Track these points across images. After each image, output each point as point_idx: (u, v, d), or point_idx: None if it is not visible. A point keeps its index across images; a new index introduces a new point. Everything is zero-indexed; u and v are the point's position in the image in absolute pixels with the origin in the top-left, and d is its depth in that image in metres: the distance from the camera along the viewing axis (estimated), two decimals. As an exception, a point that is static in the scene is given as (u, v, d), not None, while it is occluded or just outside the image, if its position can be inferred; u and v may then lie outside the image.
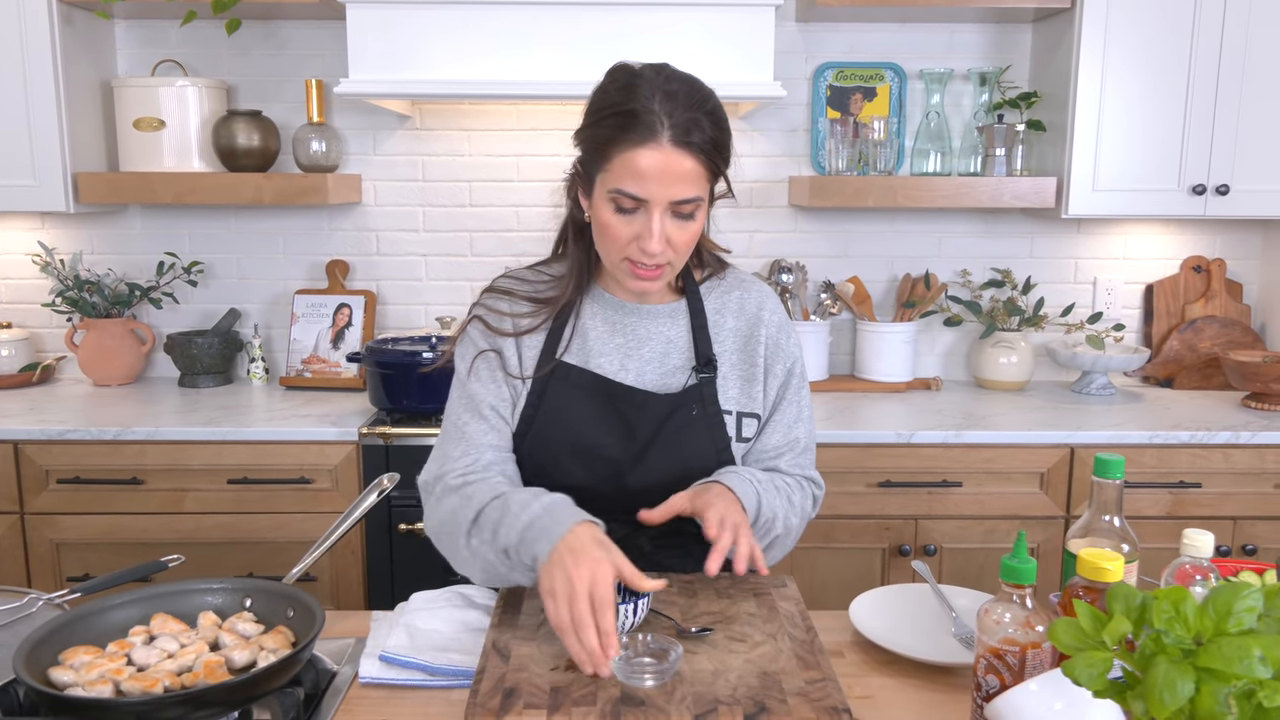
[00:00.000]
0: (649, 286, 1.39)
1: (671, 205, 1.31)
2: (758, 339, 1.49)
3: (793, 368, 1.51)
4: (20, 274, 2.96)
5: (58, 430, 2.41)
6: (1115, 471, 1.23)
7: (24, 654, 1.08)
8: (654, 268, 1.36)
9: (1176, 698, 0.71)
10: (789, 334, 1.52)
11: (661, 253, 1.33)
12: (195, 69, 2.87)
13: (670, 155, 1.28)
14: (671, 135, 1.28)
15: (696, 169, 1.30)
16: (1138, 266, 3.03)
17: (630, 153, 1.28)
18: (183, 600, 1.25)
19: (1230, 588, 0.75)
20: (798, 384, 1.52)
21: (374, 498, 1.44)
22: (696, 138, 1.29)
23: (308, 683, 1.19)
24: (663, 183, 1.29)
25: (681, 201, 1.31)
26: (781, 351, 1.50)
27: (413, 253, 2.99)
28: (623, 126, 1.29)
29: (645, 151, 1.28)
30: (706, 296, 1.50)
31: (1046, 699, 0.90)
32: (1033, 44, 2.89)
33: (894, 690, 1.22)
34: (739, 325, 1.50)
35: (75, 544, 2.46)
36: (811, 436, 1.55)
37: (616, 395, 1.41)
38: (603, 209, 1.34)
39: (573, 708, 1.04)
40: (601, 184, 1.33)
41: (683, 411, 1.41)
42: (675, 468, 1.40)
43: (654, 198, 1.30)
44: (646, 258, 1.33)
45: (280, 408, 2.65)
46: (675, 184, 1.29)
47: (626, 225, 1.33)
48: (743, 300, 1.51)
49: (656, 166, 1.28)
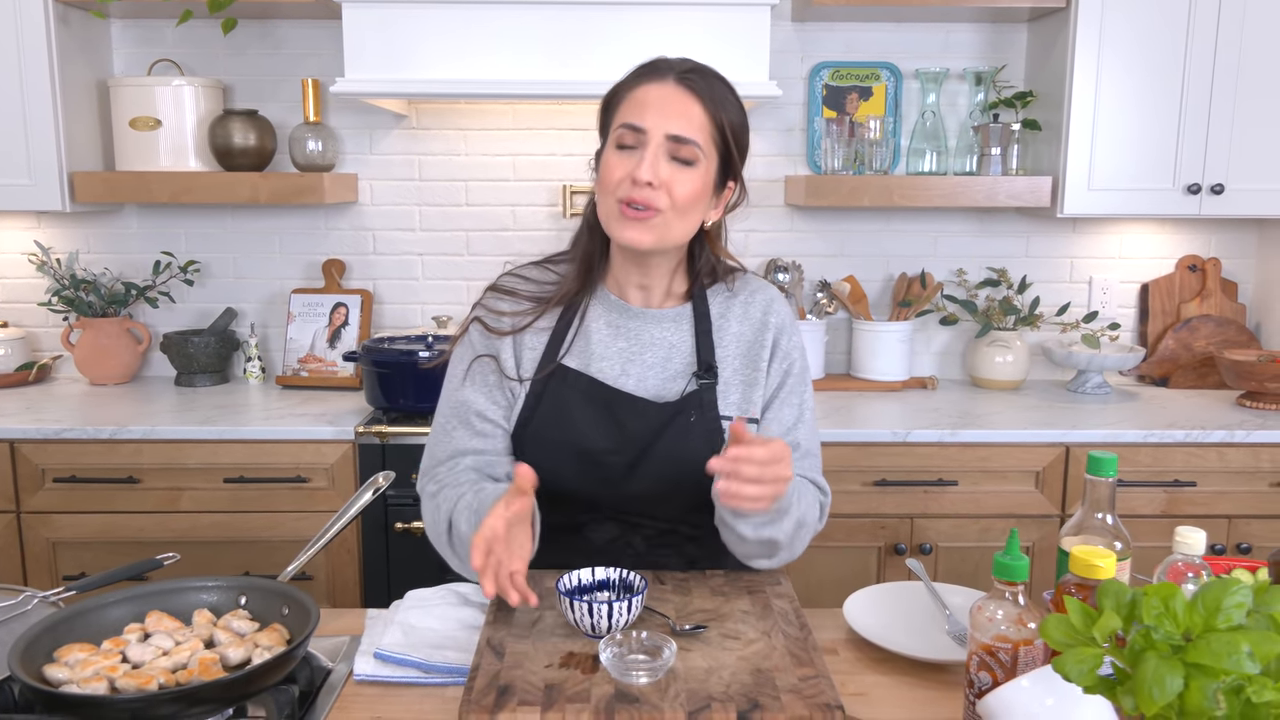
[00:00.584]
0: (639, 234, 1.34)
1: (669, 141, 1.32)
2: (762, 343, 1.47)
3: (790, 368, 1.49)
4: (16, 273, 2.96)
5: (54, 429, 2.41)
6: (1108, 469, 1.23)
7: (19, 651, 1.08)
8: (645, 208, 1.33)
9: (1165, 693, 0.72)
10: (790, 335, 1.50)
11: (656, 191, 1.32)
12: (191, 68, 2.87)
13: (673, 90, 1.34)
14: (677, 76, 1.35)
15: (699, 114, 1.33)
16: (1133, 266, 3.03)
17: (637, 89, 1.36)
18: (178, 598, 1.25)
19: (1219, 584, 0.76)
20: (795, 384, 1.49)
21: (369, 496, 1.45)
22: (702, 85, 1.34)
23: (303, 680, 1.19)
24: (663, 113, 1.32)
25: (679, 139, 1.32)
26: (779, 350, 1.48)
27: (409, 252, 2.99)
28: (636, 74, 1.38)
29: (650, 85, 1.35)
30: (712, 301, 1.49)
31: (1038, 695, 0.91)
32: (1028, 43, 2.90)
33: (888, 687, 1.22)
34: (743, 330, 1.48)
35: (71, 543, 2.46)
36: (815, 442, 1.51)
37: (613, 401, 1.40)
38: (607, 155, 1.38)
39: (566, 705, 1.05)
40: (610, 132, 1.38)
41: (681, 418, 1.40)
42: (670, 474, 1.39)
43: (652, 127, 1.32)
44: (637, 191, 1.32)
45: (276, 407, 2.65)
46: (674, 118, 1.32)
47: (624, 162, 1.34)
48: (748, 305, 1.50)
49: (658, 97, 1.33)
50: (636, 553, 1.40)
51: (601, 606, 1.17)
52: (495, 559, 1.15)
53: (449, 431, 1.44)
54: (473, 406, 1.44)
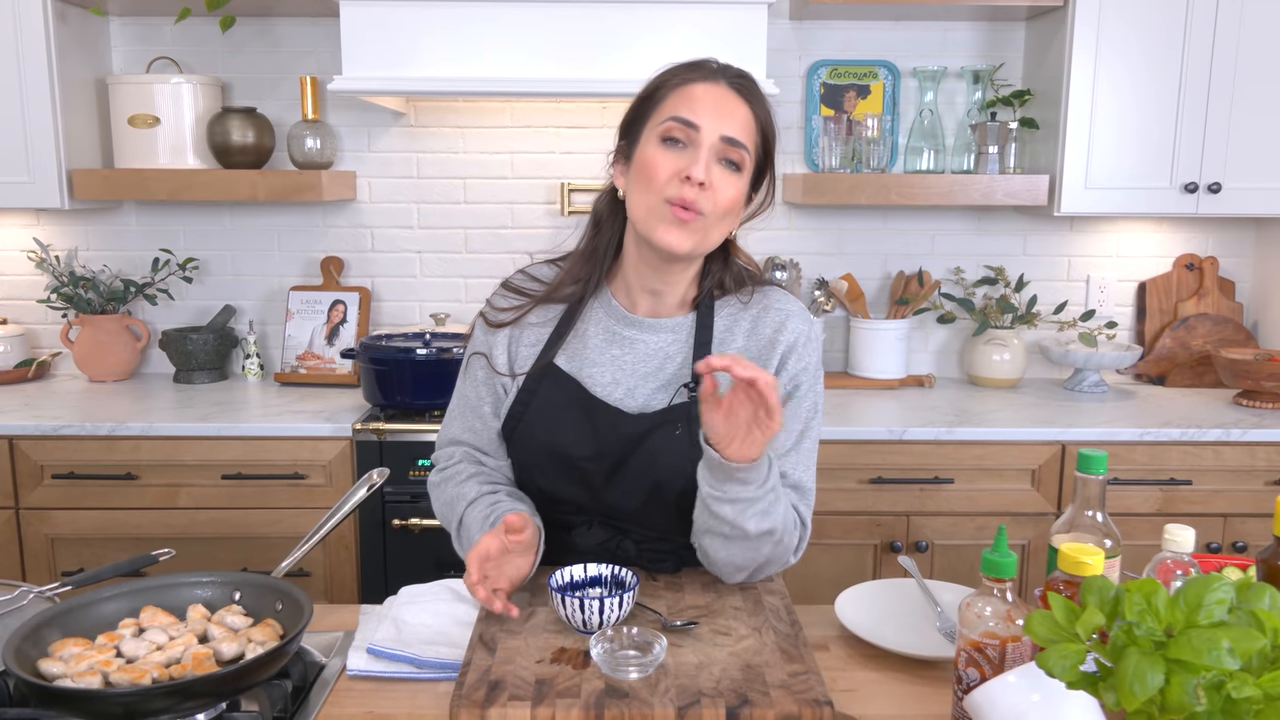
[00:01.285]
0: (681, 239, 1.30)
1: (722, 143, 1.29)
2: (766, 362, 1.39)
3: (794, 391, 1.40)
4: (16, 270, 2.96)
5: (52, 426, 2.42)
6: (1098, 467, 1.24)
7: (13, 646, 1.08)
8: (688, 210, 1.29)
9: (1146, 688, 0.72)
10: (801, 357, 1.41)
11: (705, 192, 1.29)
12: (190, 66, 2.88)
13: (727, 92, 1.32)
14: (729, 81, 1.33)
15: (749, 120, 1.32)
16: (1130, 264, 3.04)
17: (688, 85, 1.32)
18: (172, 593, 1.26)
19: (1201, 580, 0.76)
20: (795, 408, 1.40)
21: (364, 492, 1.45)
22: (754, 92, 1.34)
23: (296, 675, 1.20)
24: (717, 113, 1.30)
25: (731, 141, 1.29)
26: (785, 370, 1.40)
27: (407, 249, 3.00)
28: (682, 71, 1.35)
29: (703, 84, 1.32)
30: (720, 314, 1.43)
31: (1024, 691, 0.91)
32: (1026, 42, 2.90)
33: (878, 684, 1.23)
34: (747, 347, 1.41)
35: (70, 539, 2.47)
36: (808, 477, 1.42)
37: (593, 408, 1.38)
38: (649, 149, 1.32)
39: (556, 699, 1.05)
40: (652, 125, 1.33)
41: (665, 429, 1.36)
42: (648, 485, 1.36)
43: (706, 125, 1.29)
44: (689, 190, 1.28)
45: (275, 404, 2.66)
46: (728, 119, 1.30)
47: (673, 159, 1.30)
48: (758, 320, 1.42)
49: (713, 97, 1.31)
50: (628, 556, 1.39)
51: (593, 603, 1.17)
52: (484, 574, 1.22)
53: (451, 419, 1.52)
54: (468, 400, 1.48)
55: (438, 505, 1.49)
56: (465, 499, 1.41)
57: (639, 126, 1.36)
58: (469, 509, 1.40)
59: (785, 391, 1.38)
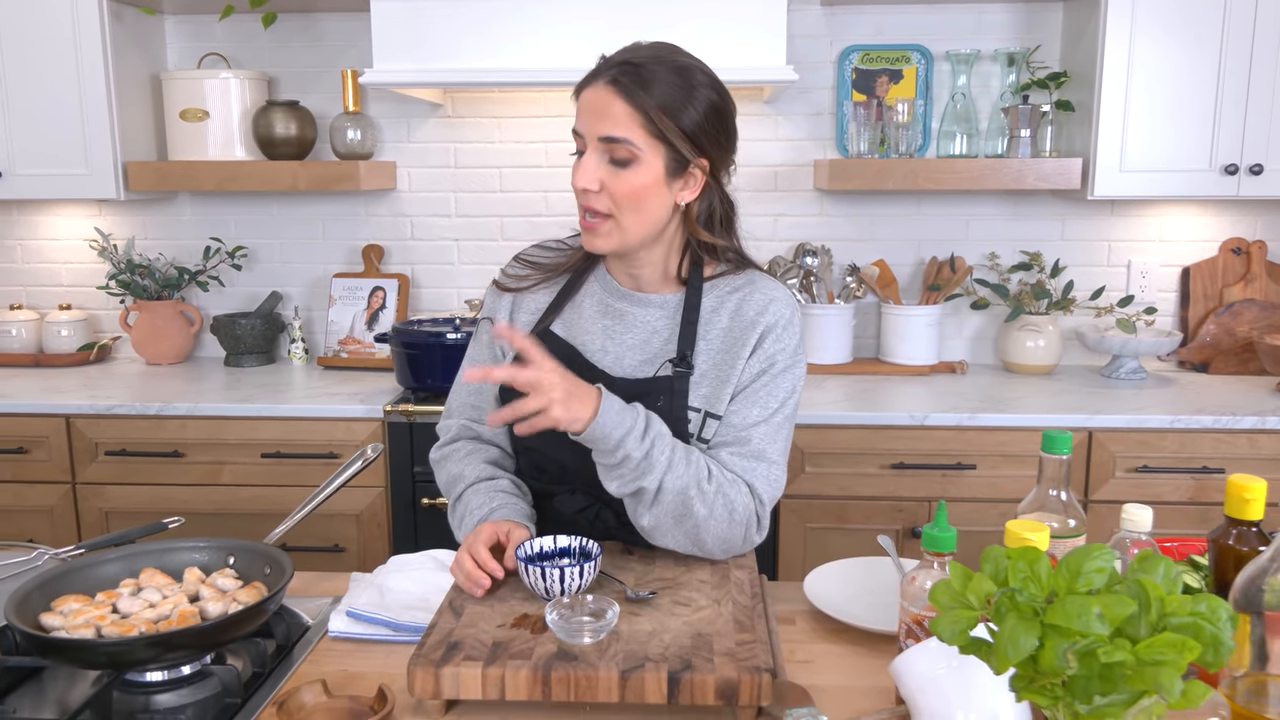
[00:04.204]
0: (596, 243, 1.39)
1: (602, 143, 1.34)
2: (745, 341, 1.43)
3: (770, 367, 1.42)
4: (80, 258, 3.13)
5: (106, 406, 2.56)
6: (1062, 447, 1.24)
7: (15, 601, 1.17)
8: (595, 216, 1.36)
9: (1019, 651, 0.74)
10: (780, 337, 1.43)
11: (599, 195, 1.35)
12: (238, 61, 3.00)
13: (600, 92, 1.35)
14: (609, 78, 1.35)
15: (626, 111, 1.33)
16: (1174, 249, 2.97)
17: (580, 95, 1.39)
18: (171, 556, 1.34)
19: (1084, 550, 0.78)
20: (770, 383, 1.42)
21: (358, 465, 1.53)
22: (628, 81, 1.33)
23: (280, 634, 1.27)
24: (593, 116, 1.35)
25: (609, 139, 1.33)
26: (762, 348, 1.43)
27: (445, 237, 3.08)
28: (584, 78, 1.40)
29: (587, 90, 1.37)
30: (708, 294, 1.46)
31: (937, 657, 0.93)
32: (1064, 23, 2.85)
33: (836, 656, 1.25)
34: (730, 327, 1.44)
35: (122, 513, 2.60)
36: (774, 450, 1.42)
37: (583, 372, 1.43)
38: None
39: (508, 661, 1.10)
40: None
41: (649, 400, 1.40)
42: None
43: (586, 131, 1.36)
44: (585, 199, 1.36)
45: (315, 386, 2.76)
46: (602, 119, 1.34)
47: (577, 170, 1.37)
48: (742, 302, 1.45)
49: (589, 102, 1.36)
50: (607, 525, 1.44)
51: (554, 571, 1.22)
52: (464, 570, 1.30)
53: (457, 385, 1.60)
54: (475, 362, 1.58)
55: (441, 479, 1.57)
56: (465, 480, 1.49)
57: None
58: (468, 490, 1.48)
59: (760, 368, 1.42)
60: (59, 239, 3.13)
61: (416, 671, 1.09)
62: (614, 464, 1.30)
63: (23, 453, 2.59)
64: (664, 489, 1.31)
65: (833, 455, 2.47)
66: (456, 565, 1.30)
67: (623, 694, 1.08)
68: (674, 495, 1.31)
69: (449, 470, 1.54)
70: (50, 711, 1.16)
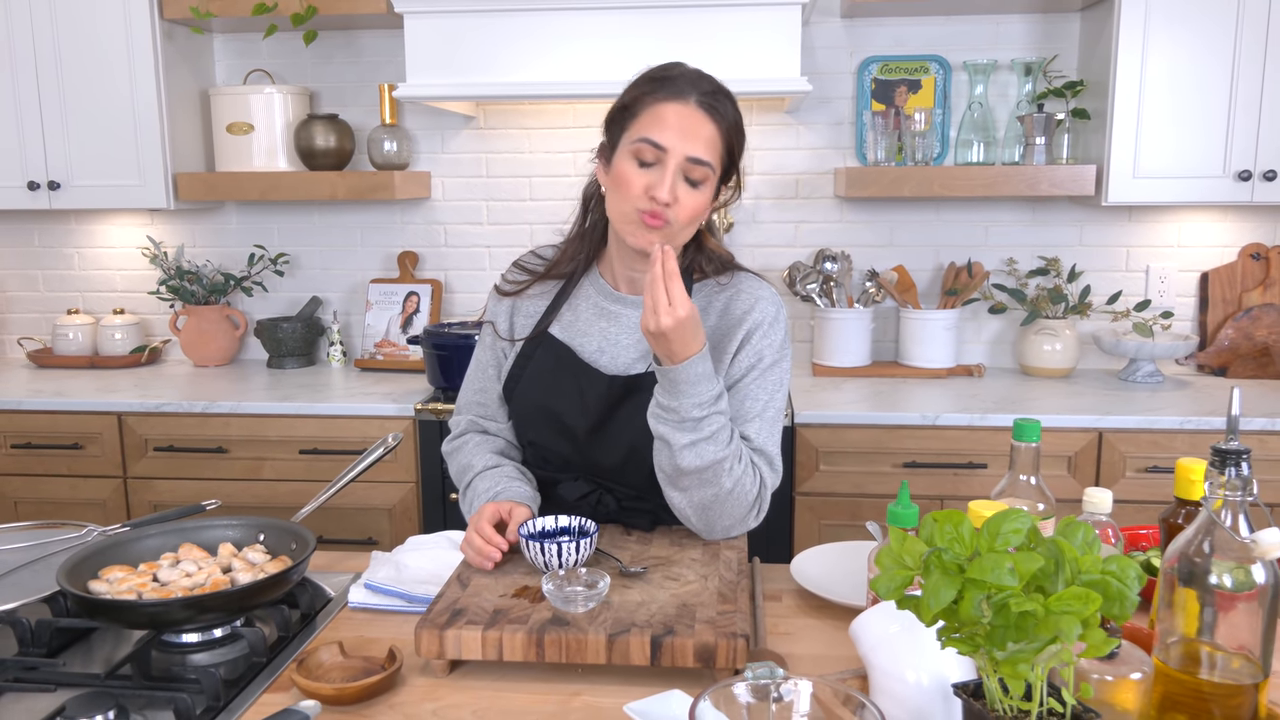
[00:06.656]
0: (653, 239, 1.42)
1: (686, 162, 1.41)
2: (733, 338, 1.51)
3: (758, 363, 1.51)
4: (132, 265, 3.30)
5: (155, 404, 2.71)
6: (1031, 435, 1.32)
7: (66, 569, 1.30)
8: (655, 219, 1.42)
9: (939, 602, 0.82)
10: (767, 334, 1.52)
11: (671, 207, 1.42)
12: (282, 77, 3.15)
13: (694, 113, 1.42)
14: (698, 99, 1.43)
15: (714, 137, 1.43)
16: (1192, 254, 3.00)
17: (658, 105, 1.43)
18: (207, 533, 1.46)
19: (1004, 513, 0.86)
20: (759, 378, 1.51)
21: (379, 452, 1.64)
22: (720, 108, 1.43)
23: (304, 603, 1.39)
24: (684, 136, 1.41)
25: (695, 161, 1.41)
26: (749, 345, 1.51)
27: (477, 244, 3.20)
28: (655, 86, 1.45)
29: (673, 105, 1.42)
30: (697, 294, 1.55)
31: (889, 618, 1.01)
32: (1081, 32, 2.91)
33: (815, 629, 1.33)
34: (718, 326, 1.53)
35: (169, 505, 2.74)
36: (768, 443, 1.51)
37: (579, 371, 1.54)
38: (623, 163, 1.44)
39: (506, 625, 1.20)
40: (626, 139, 1.45)
41: (640, 395, 1.49)
42: (626, 444, 1.51)
43: (673, 148, 1.41)
44: (658, 205, 1.40)
45: (352, 387, 2.89)
46: (694, 140, 1.41)
47: (643, 177, 1.42)
48: (730, 303, 1.54)
49: (680, 120, 1.42)
50: (608, 510, 1.54)
51: (553, 546, 1.32)
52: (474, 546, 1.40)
53: (467, 381, 1.70)
54: (480, 363, 1.68)
55: (452, 469, 1.69)
56: (474, 469, 1.61)
57: (617, 132, 1.48)
58: (478, 477, 1.59)
59: (749, 364, 1.51)
60: (113, 247, 3.30)
61: (422, 634, 1.20)
62: (670, 407, 1.39)
63: (78, 448, 2.75)
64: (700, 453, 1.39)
65: (847, 454, 2.54)
66: (466, 543, 1.41)
67: (609, 656, 1.17)
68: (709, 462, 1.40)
69: (460, 460, 1.66)
70: (97, 667, 1.27)
